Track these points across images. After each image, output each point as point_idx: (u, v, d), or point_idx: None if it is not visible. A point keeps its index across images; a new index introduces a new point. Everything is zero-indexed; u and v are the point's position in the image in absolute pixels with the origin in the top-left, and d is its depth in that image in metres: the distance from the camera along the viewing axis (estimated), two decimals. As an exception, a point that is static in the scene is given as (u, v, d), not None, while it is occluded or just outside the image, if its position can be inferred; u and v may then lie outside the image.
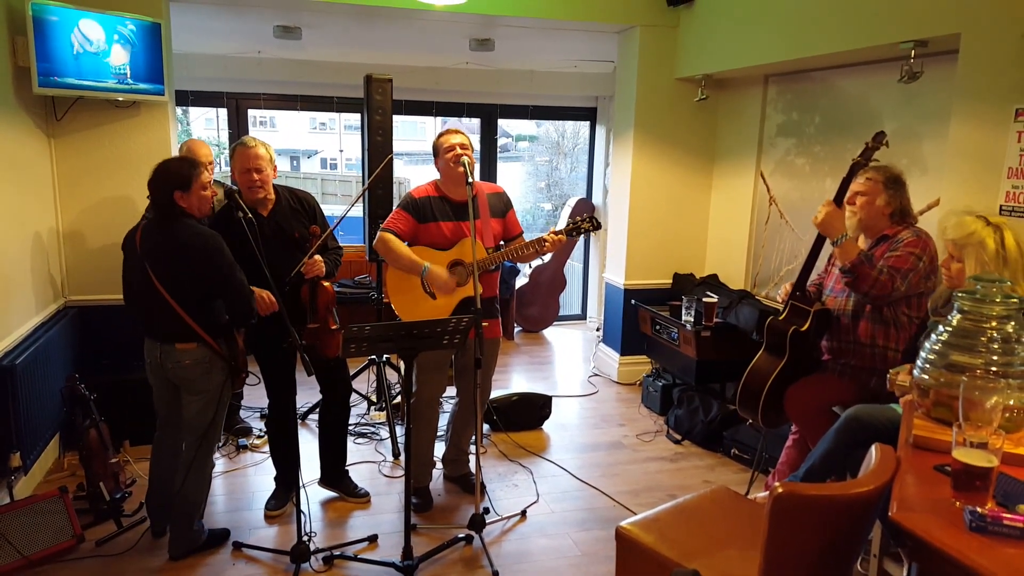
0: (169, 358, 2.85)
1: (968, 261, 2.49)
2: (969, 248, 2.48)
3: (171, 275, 2.78)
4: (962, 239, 2.50)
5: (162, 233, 2.80)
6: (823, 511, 1.68)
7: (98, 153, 4.09)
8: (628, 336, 5.30)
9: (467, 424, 3.64)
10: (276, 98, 6.37)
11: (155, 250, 2.80)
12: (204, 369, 2.88)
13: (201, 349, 2.86)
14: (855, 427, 2.59)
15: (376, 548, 3.15)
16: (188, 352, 2.85)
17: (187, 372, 2.87)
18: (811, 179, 4.31)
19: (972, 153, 3.00)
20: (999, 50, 2.86)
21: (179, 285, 2.79)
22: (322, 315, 3.17)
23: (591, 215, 3.23)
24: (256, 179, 3.09)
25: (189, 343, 2.84)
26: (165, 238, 2.79)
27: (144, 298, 2.83)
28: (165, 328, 2.84)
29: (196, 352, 2.86)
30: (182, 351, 2.84)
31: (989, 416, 1.68)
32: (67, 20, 3.60)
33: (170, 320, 2.81)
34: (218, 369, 2.92)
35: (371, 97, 4.21)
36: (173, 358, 2.85)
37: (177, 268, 2.78)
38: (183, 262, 2.78)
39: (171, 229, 2.79)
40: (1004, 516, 1.47)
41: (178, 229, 2.79)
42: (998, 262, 2.45)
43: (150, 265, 2.78)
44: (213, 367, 2.90)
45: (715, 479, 3.83)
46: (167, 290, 2.78)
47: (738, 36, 4.37)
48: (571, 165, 12.29)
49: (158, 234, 2.81)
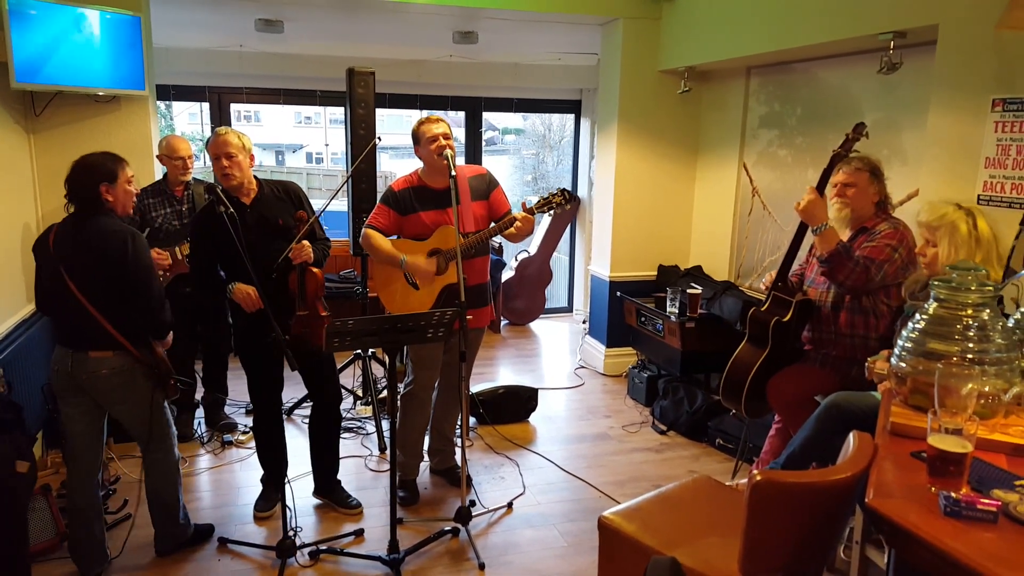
0: (83, 367, 2.64)
1: (942, 244, 2.56)
2: (942, 230, 2.56)
3: (88, 275, 2.60)
4: (935, 221, 2.58)
5: (81, 230, 2.62)
6: (801, 498, 1.70)
7: (79, 149, 3.97)
8: (614, 328, 5.32)
9: (448, 410, 3.65)
10: (259, 92, 6.33)
11: (72, 248, 2.61)
12: (124, 379, 2.69)
13: (119, 357, 2.66)
14: (835, 414, 2.62)
15: (363, 542, 3.15)
16: (104, 360, 2.65)
17: (104, 383, 2.67)
18: (793, 170, 4.34)
19: (950, 143, 3.03)
20: (975, 41, 2.89)
21: (96, 286, 2.61)
22: (311, 302, 3.13)
23: (562, 189, 3.23)
24: (226, 164, 3.03)
25: (105, 351, 2.64)
26: (84, 235, 2.61)
27: (55, 302, 2.64)
28: (78, 334, 2.64)
29: (113, 360, 2.66)
30: (97, 359, 2.64)
31: (964, 403, 1.70)
32: (45, 14, 3.56)
33: (84, 326, 2.61)
34: (141, 376, 2.73)
35: (354, 90, 4.19)
36: (87, 367, 2.64)
37: (95, 267, 2.60)
38: (102, 259, 2.59)
39: (94, 224, 2.62)
40: (978, 501, 1.49)
41: (102, 224, 2.63)
42: (971, 243, 2.53)
43: (65, 266, 2.60)
44: (135, 375, 2.72)
45: (700, 469, 3.86)
46: (82, 292, 2.59)
47: (720, 28, 4.38)
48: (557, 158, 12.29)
49: (76, 232, 2.63)
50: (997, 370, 1.87)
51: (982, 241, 2.55)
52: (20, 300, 3.70)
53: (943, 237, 2.56)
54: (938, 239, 2.58)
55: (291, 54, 6.10)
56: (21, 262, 3.73)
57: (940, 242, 2.57)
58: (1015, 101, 2.76)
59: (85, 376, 2.65)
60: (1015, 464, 1.72)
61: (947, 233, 2.56)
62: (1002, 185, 2.82)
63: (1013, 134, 2.78)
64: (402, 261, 3.21)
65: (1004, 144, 2.81)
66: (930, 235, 2.61)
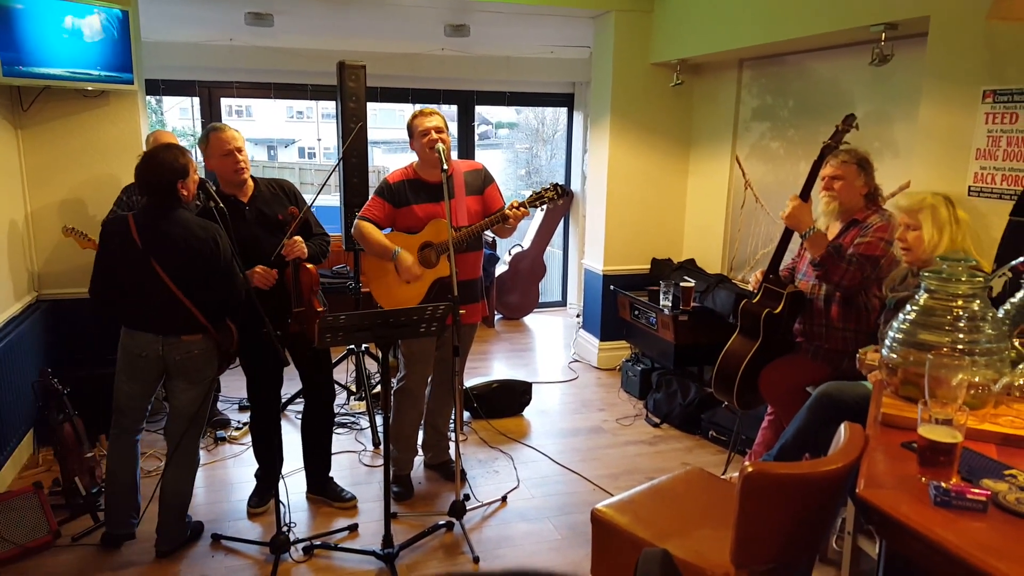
0: (176, 350, 2.83)
1: (925, 224, 2.62)
2: (924, 212, 2.63)
3: (177, 266, 2.75)
4: (915, 205, 2.66)
5: (168, 223, 2.76)
6: (792, 489, 1.70)
7: (67, 144, 4.02)
8: (607, 322, 5.32)
9: (442, 405, 3.64)
10: (249, 86, 6.29)
11: (162, 241, 2.75)
12: (207, 358, 2.91)
13: (206, 339, 2.89)
14: (826, 403, 2.63)
15: (357, 537, 3.15)
16: (195, 343, 2.85)
17: (194, 362, 2.87)
18: (785, 162, 4.34)
19: (941, 135, 3.04)
20: (966, 32, 2.89)
21: (185, 276, 2.77)
22: (307, 297, 3.11)
23: (555, 183, 3.22)
24: (240, 159, 3.03)
25: (195, 334, 2.85)
26: (172, 228, 2.76)
27: (143, 292, 2.77)
28: (169, 320, 2.80)
29: (202, 342, 2.88)
30: (189, 342, 2.84)
31: (955, 393, 1.71)
32: (33, 8, 3.53)
33: (175, 312, 2.78)
34: (214, 357, 2.95)
35: (344, 84, 4.17)
36: (181, 349, 2.83)
37: (184, 258, 2.76)
38: (194, 253, 2.76)
39: (178, 218, 2.78)
40: (968, 490, 1.49)
41: (184, 218, 2.79)
42: (951, 223, 2.59)
43: (156, 258, 2.73)
44: (212, 355, 2.93)
45: (693, 461, 3.86)
46: (175, 282, 2.75)
47: (712, 20, 4.37)
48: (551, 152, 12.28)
49: (161, 224, 2.76)
50: (987, 360, 1.88)
51: (962, 224, 2.62)
52: (8, 298, 3.68)
53: (925, 219, 2.62)
54: (920, 221, 2.63)
55: (282, 48, 6.06)
56: (8, 259, 3.70)
57: (923, 223, 2.63)
58: (1006, 92, 2.77)
59: (179, 358, 2.84)
60: (1005, 454, 1.72)
61: (929, 215, 2.62)
62: (993, 176, 2.82)
63: (1004, 125, 2.78)
64: (395, 253, 3.19)
65: (995, 135, 2.81)
66: (911, 219, 2.66)
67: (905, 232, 2.68)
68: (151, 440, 4.00)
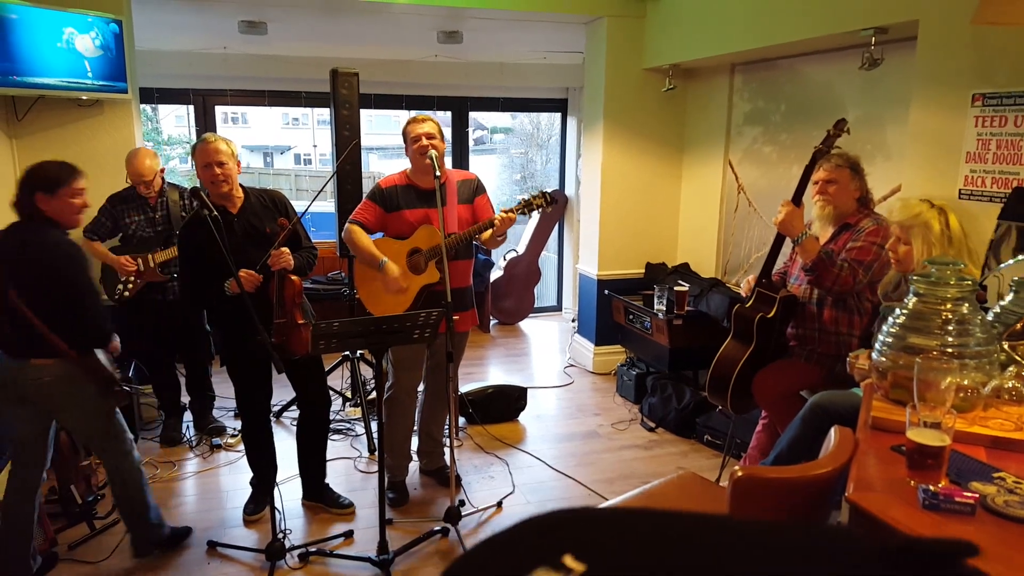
0: (24, 375, 2.58)
1: (915, 242, 2.60)
2: (916, 229, 2.60)
3: (29, 284, 2.55)
4: (908, 220, 2.62)
5: (23, 239, 2.56)
6: (782, 493, 1.71)
7: (62, 153, 3.95)
8: (602, 326, 5.33)
9: (436, 412, 3.65)
10: (243, 94, 6.30)
11: (13, 256, 2.55)
12: (67, 386, 2.64)
13: (60, 364, 2.60)
14: (819, 414, 2.63)
15: (352, 543, 3.15)
16: (46, 368, 2.58)
17: (48, 389, 2.61)
18: (778, 166, 4.36)
19: (931, 138, 3.05)
20: (955, 36, 2.91)
21: (37, 295, 2.54)
22: (288, 308, 3.10)
23: (544, 191, 3.23)
24: (218, 172, 3.03)
25: (46, 359, 2.58)
26: (26, 244, 2.55)
27: None
28: (19, 342, 2.58)
29: (55, 368, 2.59)
30: (38, 367, 2.58)
31: (943, 396, 1.72)
32: (27, 18, 3.54)
33: (25, 333, 2.54)
34: (84, 383, 2.67)
35: (337, 91, 4.18)
36: (29, 375, 2.58)
37: (35, 276, 2.55)
38: (42, 270, 2.55)
39: (34, 234, 2.57)
40: (956, 493, 1.50)
41: (41, 234, 2.57)
42: (943, 242, 2.57)
43: (6, 274, 2.54)
44: (78, 382, 2.66)
45: (688, 465, 3.87)
46: (25, 299, 2.52)
47: (704, 25, 4.39)
48: (546, 157, 12.29)
49: (19, 240, 2.57)
50: (976, 363, 1.89)
51: (954, 239, 2.60)
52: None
53: (916, 236, 2.60)
54: (912, 237, 2.62)
55: (275, 55, 6.08)
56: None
57: (913, 240, 2.61)
58: (995, 96, 2.79)
59: (28, 384, 2.59)
60: (994, 456, 1.73)
61: (920, 232, 2.60)
62: (983, 179, 2.84)
63: (993, 128, 2.80)
64: (381, 264, 3.20)
65: (984, 138, 2.83)
66: (903, 233, 2.65)
67: (896, 244, 2.68)
68: (147, 448, 4.00)
